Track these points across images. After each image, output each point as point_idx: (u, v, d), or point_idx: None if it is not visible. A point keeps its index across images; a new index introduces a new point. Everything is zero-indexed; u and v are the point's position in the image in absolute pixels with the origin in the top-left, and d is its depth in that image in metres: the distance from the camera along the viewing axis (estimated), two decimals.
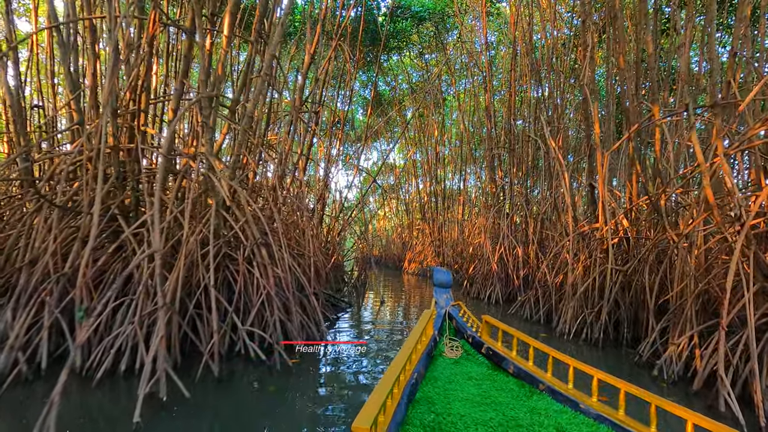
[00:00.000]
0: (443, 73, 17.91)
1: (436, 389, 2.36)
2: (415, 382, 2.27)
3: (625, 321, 5.81)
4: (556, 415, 2.11)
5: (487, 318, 3.12)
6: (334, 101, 11.95)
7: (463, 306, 3.60)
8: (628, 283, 6.11)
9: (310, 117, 10.32)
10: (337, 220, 12.00)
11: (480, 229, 14.22)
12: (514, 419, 2.05)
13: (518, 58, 11.19)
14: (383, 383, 1.78)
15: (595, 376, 2.23)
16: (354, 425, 1.43)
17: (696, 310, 4.50)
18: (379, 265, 22.77)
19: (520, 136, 11.48)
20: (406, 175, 21.66)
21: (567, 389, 2.34)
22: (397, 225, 22.01)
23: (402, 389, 2.09)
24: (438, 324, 3.21)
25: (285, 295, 4.91)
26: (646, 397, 1.96)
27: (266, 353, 4.33)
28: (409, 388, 2.15)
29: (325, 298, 7.60)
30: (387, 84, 19.29)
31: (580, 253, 6.82)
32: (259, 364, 4.27)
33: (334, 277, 10.20)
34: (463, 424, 1.98)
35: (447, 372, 2.64)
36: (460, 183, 17.89)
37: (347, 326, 6.57)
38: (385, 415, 1.77)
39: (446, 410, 2.10)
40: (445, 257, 15.71)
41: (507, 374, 2.67)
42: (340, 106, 14.22)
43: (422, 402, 2.18)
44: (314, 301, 5.37)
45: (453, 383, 2.46)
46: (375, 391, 1.70)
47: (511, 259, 9.92)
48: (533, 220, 10.26)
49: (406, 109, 20.66)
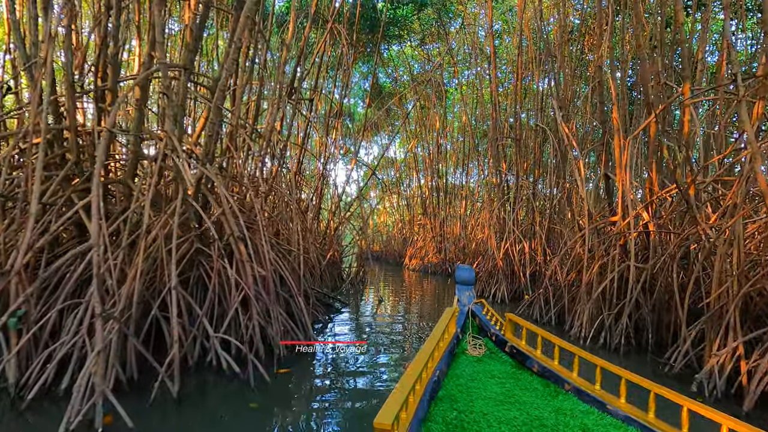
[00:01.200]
0: (446, 64, 17.20)
1: (459, 387, 2.32)
2: (437, 380, 2.23)
3: (648, 325, 5.15)
4: (582, 416, 2.02)
5: (511, 316, 3.01)
6: (331, 93, 11.24)
7: (487, 304, 3.46)
8: (651, 283, 5.46)
9: (305, 105, 9.66)
10: (335, 214, 11.35)
11: (483, 224, 13.56)
12: (539, 419, 1.98)
13: (525, 45, 10.47)
14: (405, 380, 1.76)
15: (624, 376, 2.11)
16: (376, 421, 1.39)
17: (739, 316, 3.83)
18: (379, 261, 22.14)
19: (525, 126, 10.80)
20: (407, 169, 20.98)
21: (594, 389, 2.25)
22: (398, 220, 21.35)
23: (424, 386, 2.04)
24: (461, 322, 3.13)
25: (266, 297, 4.27)
26: (678, 399, 1.84)
27: (242, 364, 3.70)
28: (431, 386, 2.10)
29: (318, 298, 6.97)
30: (388, 75, 18.58)
31: (596, 250, 6.16)
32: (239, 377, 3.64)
33: (330, 275, 9.56)
34: (485, 423, 1.93)
35: (470, 370, 2.58)
36: (462, 178, 17.23)
37: (341, 329, 5.93)
38: (407, 412, 1.72)
39: (469, 408, 2.06)
40: (447, 253, 15.06)
41: (531, 373, 2.59)
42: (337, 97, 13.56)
43: (444, 399, 2.13)
44: (301, 302, 4.73)
45: (476, 381, 2.41)
46: (397, 388, 1.67)
47: (517, 256, 9.26)
48: (539, 214, 9.59)
49: (407, 101, 19.97)
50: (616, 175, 6.12)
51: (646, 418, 1.94)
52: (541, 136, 10.33)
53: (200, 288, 4.37)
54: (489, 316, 3.29)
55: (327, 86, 13.79)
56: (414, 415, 1.76)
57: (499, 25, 14.97)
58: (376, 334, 5.64)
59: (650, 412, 1.97)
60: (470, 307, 3.30)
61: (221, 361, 3.64)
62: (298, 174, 11.34)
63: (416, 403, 1.86)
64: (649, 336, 5.10)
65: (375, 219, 24.44)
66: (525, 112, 11.13)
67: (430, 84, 16.43)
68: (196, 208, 3.80)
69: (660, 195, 5.46)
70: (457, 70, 16.53)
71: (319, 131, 11.09)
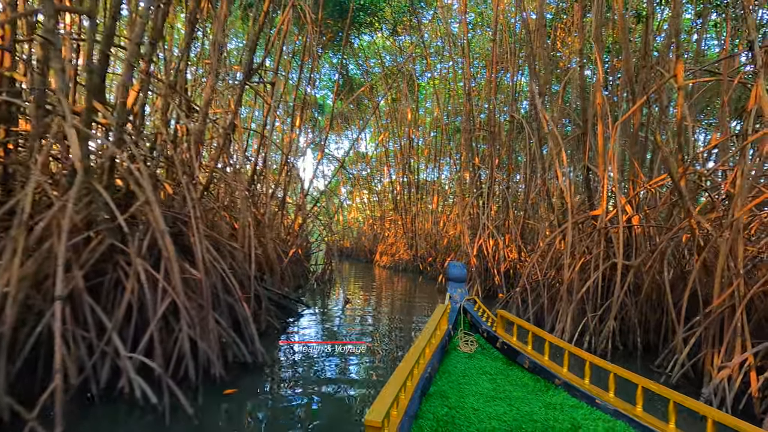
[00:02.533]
0: (418, 57, 16.57)
1: (450, 383, 2.30)
2: (429, 376, 2.21)
3: (635, 327, 4.66)
4: (571, 411, 2.03)
5: (502, 312, 2.97)
6: (298, 81, 10.35)
7: (479, 300, 3.37)
8: (636, 282, 4.98)
9: (266, 89, 8.77)
10: (301, 209, 10.51)
11: (456, 220, 13.04)
12: (529, 414, 1.97)
13: (499, 35, 9.93)
14: (396, 377, 1.71)
15: (613, 371, 2.10)
16: (366, 419, 1.36)
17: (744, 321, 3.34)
18: (350, 258, 21.37)
19: (499, 120, 10.29)
20: (378, 164, 20.28)
21: (583, 384, 2.25)
22: (369, 216, 20.63)
23: (415, 383, 2.01)
24: (453, 318, 3.09)
25: (202, 304, 3.47)
26: (665, 393, 1.84)
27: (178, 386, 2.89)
28: (423, 382, 2.08)
29: (276, 301, 6.17)
30: (359, 67, 17.78)
31: (576, 246, 5.66)
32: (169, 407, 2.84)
33: (293, 274, 8.75)
34: (476, 418, 1.91)
35: (461, 366, 2.57)
36: (434, 173, 16.68)
37: (298, 337, 5.16)
38: (398, 409, 1.69)
39: (460, 404, 2.05)
40: (418, 250, 14.47)
41: (522, 369, 2.58)
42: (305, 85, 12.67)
43: (436, 396, 2.12)
44: (246, 309, 3.94)
45: (467, 377, 2.40)
46: (388, 385, 1.61)
47: (491, 252, 8.73)
48: (513, 209, 9.10)
49: (379, 95, 19.25)
50: (598, 166, 5.63)
51: (634, 411, 1.94)
52: (516, 129, 9.86)
53: (118, 295, 3.51)
54: (480, 313, 3.23)
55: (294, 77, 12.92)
56: (405, 412, 1.73)
57: (473, 17, 14.46)
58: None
59: (638, 405, 1.96)
60: (462, 304, 3.22)
61: (134, 388, 2.83)
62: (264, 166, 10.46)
63: (407, 399, 1.82)
64: (636, 339, 4.61)
65: (345, 215, 23.66)
66: (498, 108, 10.65)
67: (401, 75, 15.77)
68: (101, 192, 2.95)
69: (648, 186, 4.98)
70: (430, 63, 15.92)
71: (283, 121, 10.20)
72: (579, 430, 1.84)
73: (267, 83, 8.57)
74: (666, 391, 1.84)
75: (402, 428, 1.64)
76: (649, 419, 1.87)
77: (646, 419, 1.87)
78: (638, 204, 5.52)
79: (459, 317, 3.15)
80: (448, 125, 15.51)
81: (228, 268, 4.60)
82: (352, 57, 17.62)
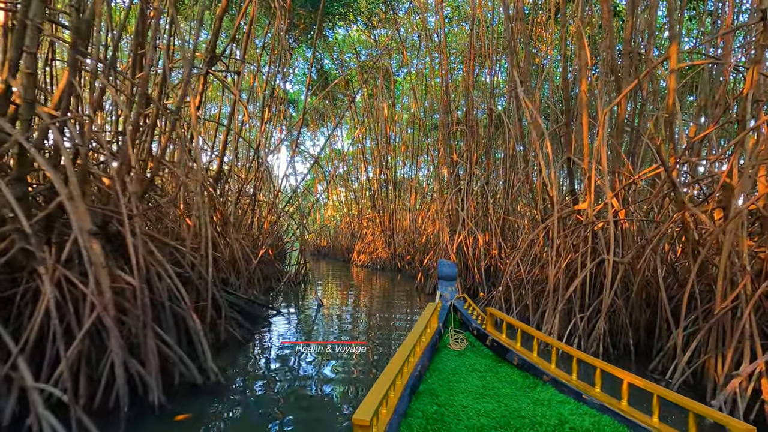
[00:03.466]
0: (394, 51, 16.11)
1: (440, 381, 2.28)
2: (418, 374, 2.18)
3: (628, 328, 4.33)
4: (558, 406, 2.02)
5: (492, 310, 2.97)
6: (269, 75, 9.71)
7: (468, 299, 3.36)
8: (623, 280, 4.66)
9: (232, 78, 8.13)
10: (272, 208, 9.90)
11: (434, 216, 12.67)
12: (517, 410, 1.97)
13: (476, 29, 9.55)
14: (385, 375, 1.68)
15: (599, 366, 2.09)
16: (354, 417, 1.33)
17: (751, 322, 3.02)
18: (326, 257, 20.76)
19: (477, 115, 9.94)
20: (355, 161, 19.74)
21: (570, 380, 2.23)
22: (346, 214, 20.07)
23: (405, 381, 1.99)
24: (443, 316, 3.07)
25: (139, 316, 2.90)
26: (649, 388, 1.85)
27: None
28: (412, 380, 2.06)
29: (240, 307, 5.59)
30: (333, 61, 17.18)
31: (560, 242, 5.32)
32: None
33: (263, 275, 8.16)
34: (465, 416, 1.90)
35: (451, 364, 2.54)
36: (412, 171, 16.26)
37: (260, 351, 4.60)
38: (387, 407, 1.68)
39: (449, 402, 2.03)
40: (396, 247, 14.04)
41: (511, 366, 2.58)
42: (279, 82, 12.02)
43: (426, 394, 2.10)
44: (196, 323, 3.38)
45: (457, 375, 2.38)
46: (377, 384, 1.60)
47: (471, 249, 8.36)
48: (493, 205, 8.76)
49: (355, 91, 18.69)
50: (583, 158, 5.30)
51: (619, 405, 1.95)
52: (494, 123, 9.53)
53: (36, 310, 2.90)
54: (470, 311, 3.19)
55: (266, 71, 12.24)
56: (394, 410, 1.72)
57: (449, 11, 14.09)
58: (309, 354, 4.40)
59: (623, 400, 1.96)
60: (452, 302, 3.19)
61: (43, 427, 2.25)
62: (234, 162, 9.77)
63: (397, 398, 1.81)
64: (629, 340, 4.28)
65: (322, 213, 23.02)
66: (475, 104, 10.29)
67: (378, 70, 15.28)
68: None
69: (637, 178, 4.66)
70: (407, 58, 15.48)
71: (254, 115, 9.55)
72: (566, 425, 1.84)
73: (233, 72, 7.93)
74: (650, 386, 1.86)
75: (391, 427, 1.62)
76: (633, 413, 1.88)
77: (631, 413, 1.88)
78: (623, 198, 5.21)
79: (449, 315, 3.11)
80: (425, 122, 15.13)
81: (183, 273, 4.02)
82: (327, 51, 17.03)
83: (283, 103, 14.81)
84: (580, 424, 1.85)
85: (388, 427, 1.58)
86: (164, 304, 3.39)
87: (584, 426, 1.83)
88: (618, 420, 1.88)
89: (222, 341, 4.40)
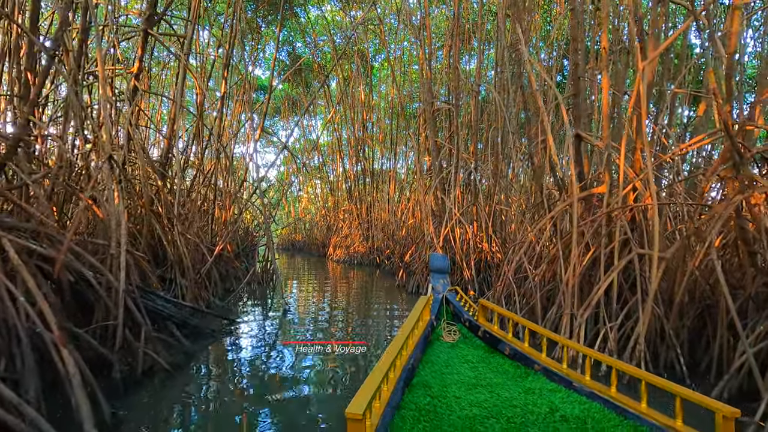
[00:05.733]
0: (371, 34, 14.85)
1: (433, 373, 2.24)
2: (411, 367, 2.15)
3: (673, 342, 3.32)
4: (549, 395, 2.00)
5: (483, 302, 2.93)
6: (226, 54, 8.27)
7: (460, 291, 3.24)
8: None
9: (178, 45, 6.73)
10: (234, 198, 8.55)
11: (416, 207, 11.56)
12: (509, 399, 1.95)
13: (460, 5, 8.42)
14: (378, 369, 1.64)
15: (589, 355, 2.10)
16: (347, 411, 1.30)
17: None
18: (302, 252, 19.43)
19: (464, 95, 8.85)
20: (330, 152, 18.41)
21: (561, 369, 2.21)
22: (322, 207, 18.75)
23: (398, 374, 1.94)
24: (435, 309, 2.97)
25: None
26: (637, 374, 1.87)
27: None
28: (405, 373, 2.02)
29: (179, 318, 4.32)
30: (306, 44, 15.74)
31: (569, 234, 4.29)
32: None
33: (221, 276, 6.86)
34: (458, 406, 1.87)
35: (444, 356, 2.51)
36: (390, 162, 15.07)
37: (195, 387, 3.35)
38: (380, 400, 1.65)
39: (442, 393, 1.99)
40: (375, 241, 12.89)
41: (503, 356, 2.54)
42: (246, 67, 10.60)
43: (419, 386, 2.05)
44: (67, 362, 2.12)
45: (450, 367, 2.35)
46: (370, 377, 1.55)
47: (459, 243, 7.31)
48: (483, 194, 7.72)
49: (329, 75, 17.30)
50: (602, 130, 4.27)
51: (608, 392, 1.94)
52: (479, 107, 8.48)
53: None
54: (462, 303, 3.14)
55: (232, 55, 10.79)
56: (388, 403, 1.69)
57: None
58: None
59: (612, 387, 1.95)
60: (444, 294, 3.10)
61: None
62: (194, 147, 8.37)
63: (390, 391, 1.77)
64: (677, 356, 3.26)
65: (297, 206, 21.62)
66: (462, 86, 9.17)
67: (354, 52, 13.99)
68: None
69: (681, 150, 3.64)
70: (385, 41, 14.24)
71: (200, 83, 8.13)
72: (556, 413, 1.82)
73: (176, 36, 6.54)
74: (638, 372, 1.87)
75: (384, 419, 1.59)
76: (622, 399, 1.87)
77: (620, 399, 1.87)
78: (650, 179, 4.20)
79: (441, 308, 3.06)
80: (403, 110, 13.95)
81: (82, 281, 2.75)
82: (300, 33, 15.60)
83: (251, 89, 13.37)
84: (571, 411, 1.84)
85: (381, 420, 1.55)
86: (19, 334, 2.12)
87: (574, 413, 1.82)
88: (607, 407, 1.87)
89: (140, 373, 3.14)
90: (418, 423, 1.72)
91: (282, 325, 5.30)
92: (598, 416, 1.80)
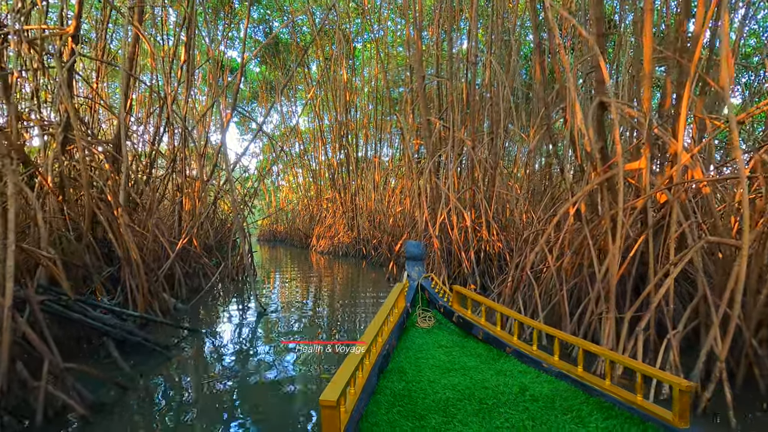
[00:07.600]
0: (353, 13, 13.70)
1: (408, 359, 2.24)
2: (386, 354, 2.14)
3: (757, 353, 2.54)
4: (520, 376, 2.04)
5: (458, 288, 2.93)
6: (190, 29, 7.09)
7: (435, 277, 3.20)
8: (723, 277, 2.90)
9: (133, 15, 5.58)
10: (203, 188, 7.46)
11: (401, 194, 10.67)
12: (481, 381, 1.96)
13: None
14: (352, 356, 1.63)
15: (557, 336, 2.12)
16: (321, 398, 1.28)
17: None
18: (284, 243, 18.36)
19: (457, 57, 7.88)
20: (312, 139, 17.27)
21: (532, 351, 2.24)
22: (304, 196, 17.66)
23: (373, 361, 1.93)
24: (410, 296, 2.96)
25: None
26: (601, 353, 1.91)
27: None
28: (381, 360, 2.01)
29: (127, 332, 3.33)
30: (285, 25, 14.46)
31: (600, 220, 3.49)
32: None
33: (186, 274, 5.84)
34: (432, 390, 1.88)
35: (419, 342, 2.51)
36: (374, 150, 14.06)
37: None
38: (354, 387, 1.62)
39: (417, 378, 1.99)
40: (360, 231, 11.97)
41: (476, 340, 2.56)
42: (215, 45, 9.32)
43: (394, 372, 2.05)
44: None
45: (424, 352, 2.34)
46: (344, 364, 1.54)
47: (456, 231, 6.46)
48: (482, 177, 6.87)
49: (312, 61, 16.08)
50: (644, 92, 3.45)
51: (576, 372, 1.95)
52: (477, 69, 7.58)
53: None
54: (437, 289, 3.11)
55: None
56: (362, 389, 1.68)
57: None
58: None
59: (579, 366, 1.96)
60: (419, 281, 3.08)
61: None
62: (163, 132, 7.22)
63: (365, 378, 1.75)
64: (762, 373, 2.49)
65: (278, 195, 20.45)
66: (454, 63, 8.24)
67: (335, 31, 12.85)
68: None
69: (748, 115, 2.84)
70: (368, 21, 13.11)
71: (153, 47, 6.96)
72: (526, 392, 1.85)
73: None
74: (602, 351, 1.90)
75: (359, 405, 1.58)
76: (588, 377, 1.90)
77: (587, 377, 1.90)
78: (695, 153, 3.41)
79: (416, 294, 3.03)
80: (389, 94, 12.93)
81: None
82: (278, 11, 14.33)
83: (222, 69, 12.09)
84: (540, 390, 1.85)
85: (356, 406, 1.54)
86: None
87: (543, 392, 1.84)
88: (575, 385, 1.88)
89: (41, 420, 2.17)
90: (392, 408, 1.70)
91: (256, 329, 4.36)
92: (565, 394, 1.83)
